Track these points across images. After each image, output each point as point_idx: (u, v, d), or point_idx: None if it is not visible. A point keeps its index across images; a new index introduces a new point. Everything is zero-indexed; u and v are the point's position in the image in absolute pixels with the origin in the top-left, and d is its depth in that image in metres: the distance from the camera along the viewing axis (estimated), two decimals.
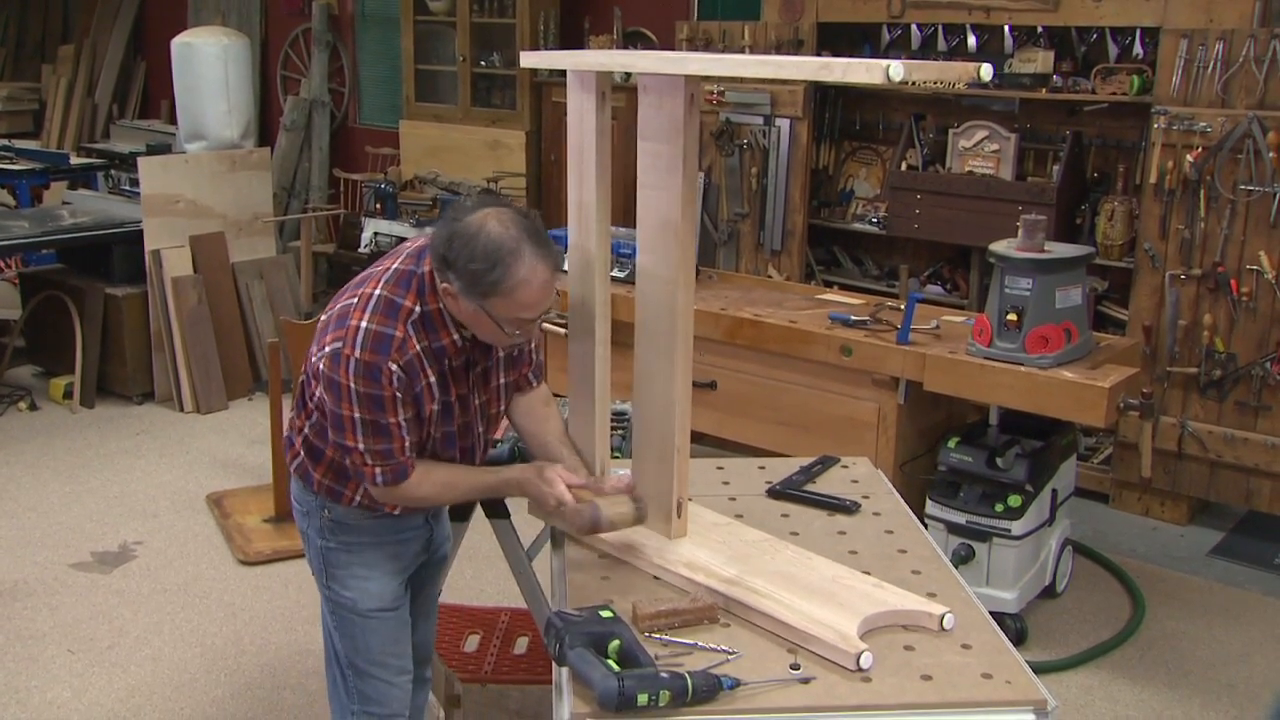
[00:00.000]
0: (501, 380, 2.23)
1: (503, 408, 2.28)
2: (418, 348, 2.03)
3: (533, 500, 2.21)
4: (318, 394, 2.10)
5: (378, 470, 2.06)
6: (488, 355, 2.17)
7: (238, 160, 6.00)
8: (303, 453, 2.24)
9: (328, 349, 2.02)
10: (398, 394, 2.01)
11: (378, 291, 2.04)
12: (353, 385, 1.99)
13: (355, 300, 2.05)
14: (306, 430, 2.21)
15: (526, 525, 2.57)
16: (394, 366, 1.99)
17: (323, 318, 2.11)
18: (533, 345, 2.29)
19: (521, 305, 1.99)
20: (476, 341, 2.11)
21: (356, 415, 2.01)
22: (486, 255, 1.94)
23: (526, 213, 2.04)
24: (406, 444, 2.06)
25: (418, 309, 2.04)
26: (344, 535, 2.25)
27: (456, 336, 2.08)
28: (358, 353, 1.98)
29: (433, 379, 2.07)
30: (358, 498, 2.21)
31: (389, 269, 2.09)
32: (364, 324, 2.00)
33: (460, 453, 2.21)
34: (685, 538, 2.23)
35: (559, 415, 2.35)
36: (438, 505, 2.34)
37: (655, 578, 2.14)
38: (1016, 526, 3.52)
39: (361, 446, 2.03)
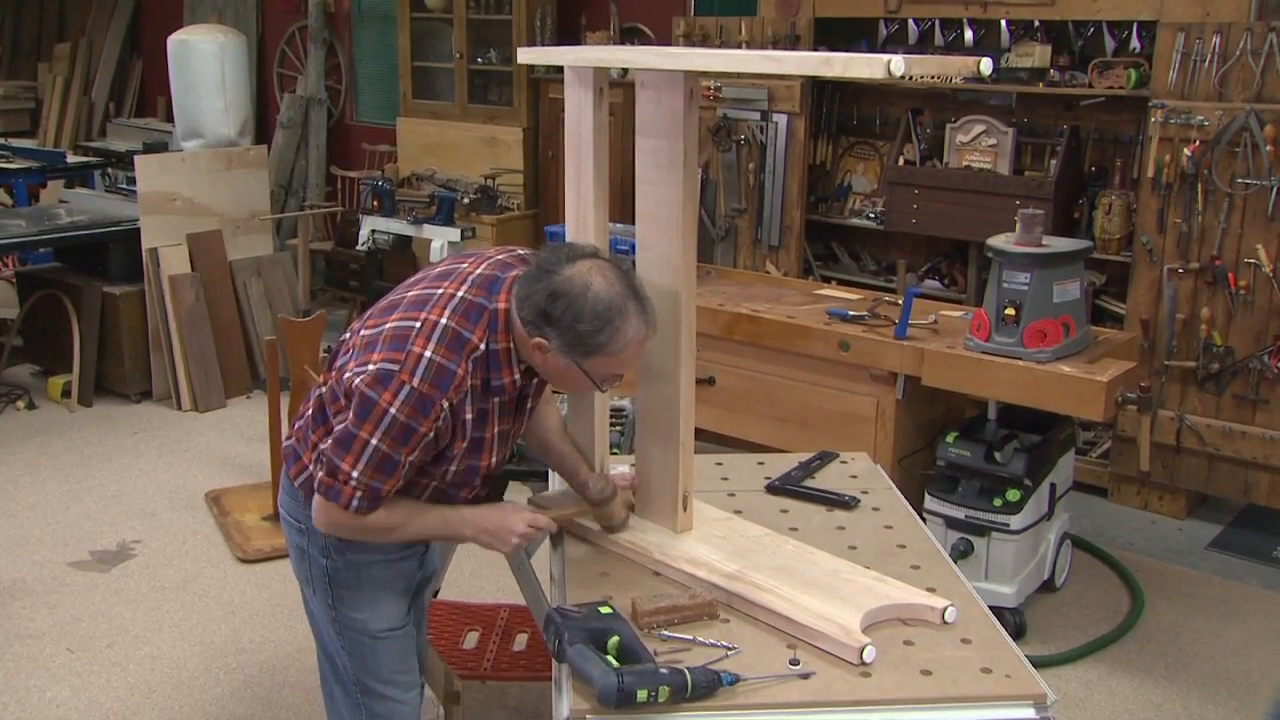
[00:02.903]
0: (530, 405, 2.15)
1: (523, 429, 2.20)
2: (468, 385, 1.93)
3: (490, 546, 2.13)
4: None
5: (357, 496, 1.93)
6: (531, 387, 2.09)
7: (235, 158, 5.99)
8: (312, 468, 2.09)
9: (375, 367, 1.89)
10: (434, 432, 1.91)
11: (444, 321, 1.92)
12: (393, 412, 1.87)
13: (418, 325, 1.92)
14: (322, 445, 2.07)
15: None
16: (447, 405, 1.90)
17: (365, 333, 1.97)
18: None
19: (622, 363, 1.95)
20: (528, 375, 2.03)
21: (373, 443, 1.89)
22: (595, 316, 1.87)
23: (622, 265, 1.96)
24: (397, 485, 1.96)
25: (483, 346, 1.93)
26: (352, 554, 2.13)
27: (517, 376, 1.98)
28: (415, 381, 1.87)
29: (469, 416, 1.96)
30: None
31: (455, 296, 1.96)
32: (428, 354, 1.89)
33: (479, 483, 2.15)
34: (686, 534, 2.23)
35: (558, 413, 2.34)
36: (377, 540, 2.10)
37: (655, 573, 2.14)
38: (1015, 521, 3.52)
39: (356, 473, 1.91)
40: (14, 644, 3.57)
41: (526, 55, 2.34)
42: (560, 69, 2.20)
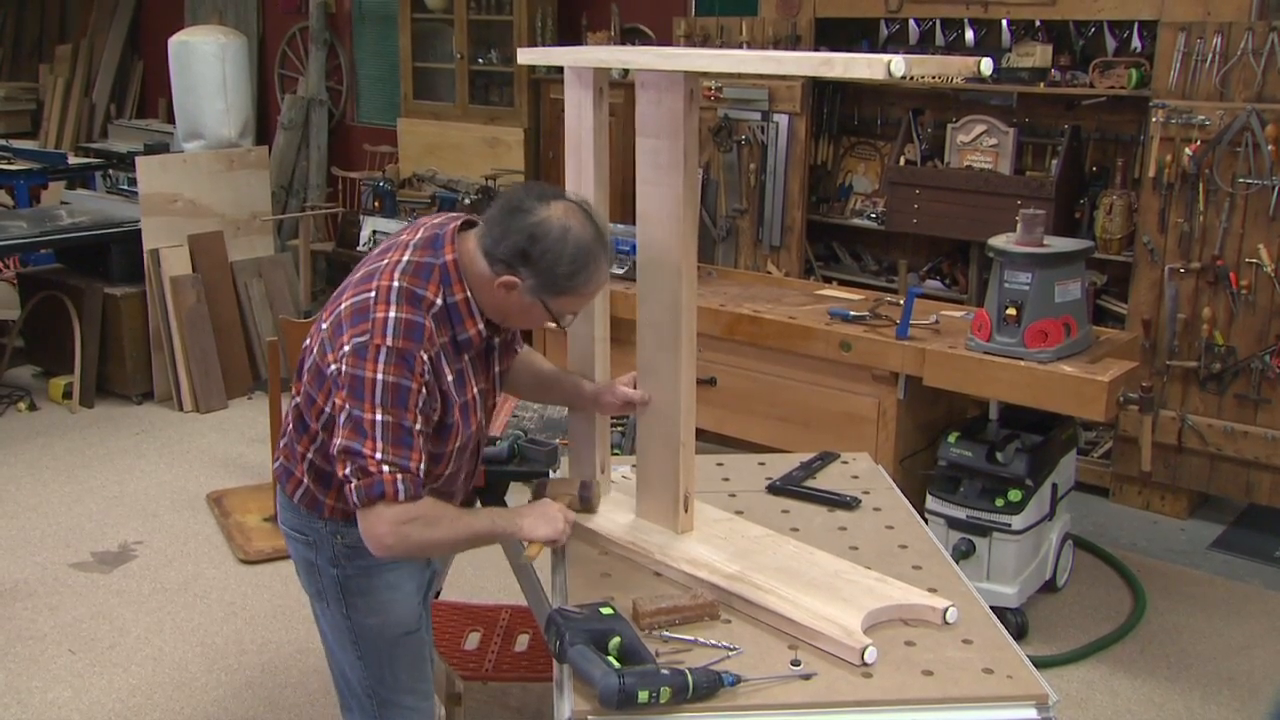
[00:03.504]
0: (498, 369, 2.16)
1: (498, 399, 2.22)
2: (439, 342, 1.94)
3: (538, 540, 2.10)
4: (326, 409, 1.98)
5: (397, 479, 1.87)
6: (495, 344, 2.11)
7: (236, 159, 5.99)
8: (307, 480, 2.10)
9: (349, 346, 1.90)
10: (424, 389, 1.90)
11: (396, 283, 1.94)
12: (380, 376, 1.86)
13: (372, 294, 1.93)
14: (311, 455, 2.08)
15: None
16: (425, 356, 1.90)
17: (325, 325, 1.98)
18: None
19: (586, 300, 2.02)
20: (491, 330, 2.05)
21: (378, 417, 1.87)
22: (574, 259, 1.91)
23: (587, 204, 2.00)
24: (422, 460, 1.92)
25: (439, 301, 1.95)
26: (363, 559, 2.07)
27: (481, 326, 2.00)
28: (389, 340, 1.88)
29: (450, 378, 1.97)
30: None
31: (401, 261, 1.98)
32: (391, 314, 1.90)
33: (469, 460, 2.16)
34: (687, 534, 2.23)
35: (538, 354, 2.38)
36: (438, 549, 2.10)
37: (656, 574, 2.14)
38: (1017, 521, 3.52)
39: (379, 454, 1.86)
40: (15, 645, 3.57)
41: (527, 56, 2.34)
42: (561, 69, 2.20)
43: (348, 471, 1.90)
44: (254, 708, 3.28)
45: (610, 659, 1.73)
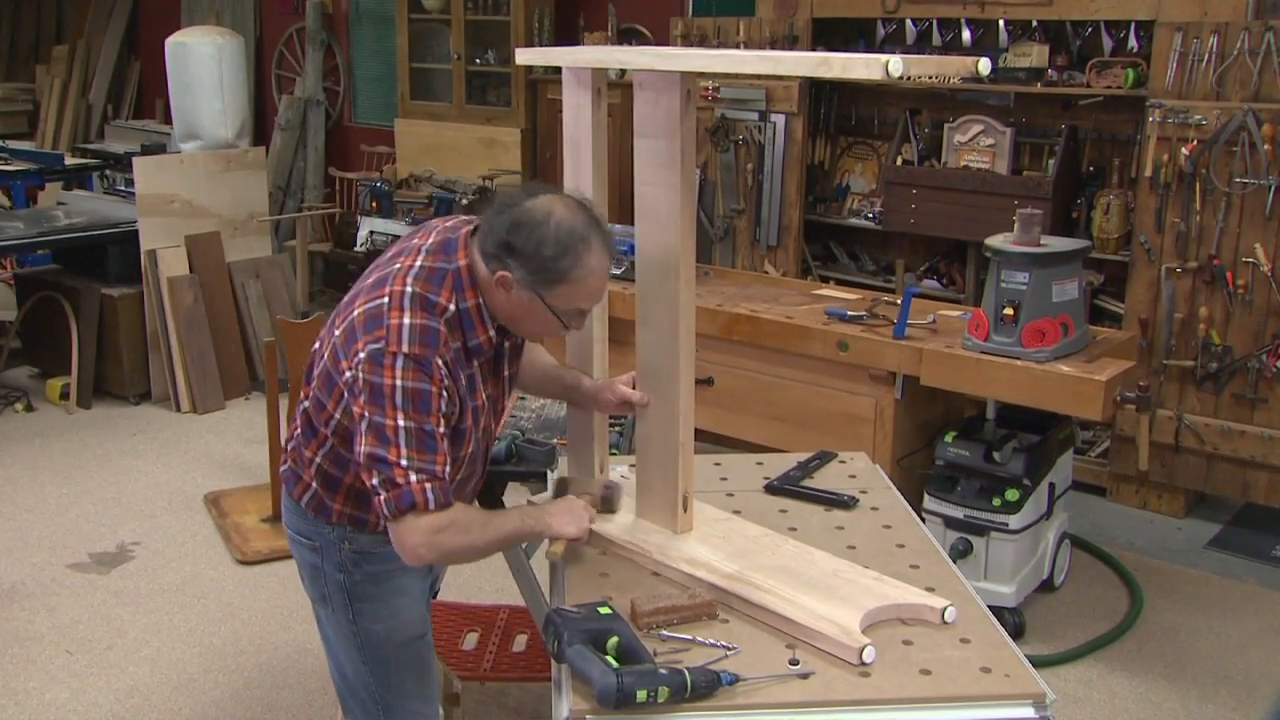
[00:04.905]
0: (508, 372, 2.14)
1: (509, 402, 2.22)
2: (452, 347, 1.92)
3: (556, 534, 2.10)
4: (336, 415, 1.97)
5: (426, 486, 1.85)
6: (505, 348, 2.10)
7: (233, 160, 5.99)
8: (315, 484, 2.07)
9: (364, 353, 1.87)
10: (443, 393, 1.89)
11: (409, 289, 1.92)
12: (399, 382, 1.85)
13: (385, 300, 1.91)
14: (320, 460, 2.05)
15: None
16: (442, 362, 1.89)
17: (337, 332, 1.96)
18: None
19: (586, 295, 1.97)
20: (502, 336, 2.04)
21: (401, 423, 1.85)
22: (558, 242, 1.88)
23: (585, 199, 1.99)
24: (448, 463, 1.90)
25: (452, 307, 1.93)
26: (370, 565, 2.09)
27: (492, 333, 1.99)
28: (405, 347, 1.86)
29: (462, 383, 1.95)
30: (382, 522, 2.00)
31: (413, 266, 1.95)
32: (406, 320, 1.88)
33: (480, 464, 2.16)
34: (686, 534, 2.23)
35: (544, 351, 2.35)
36: (471, 553, 2.04)
37: (654, 574, 2.14)
38: (1014, 520, 3.52)
39: (404, 461, 1.85)
40: (13, 646, 3.57)
41: (524, 56, 2.34)
42: (558, 70, 2.20)
43: (375, 482, 1.88)
44: (252, 708, 3.28)
45: (608, 659, 1.73)
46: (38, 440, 5.23)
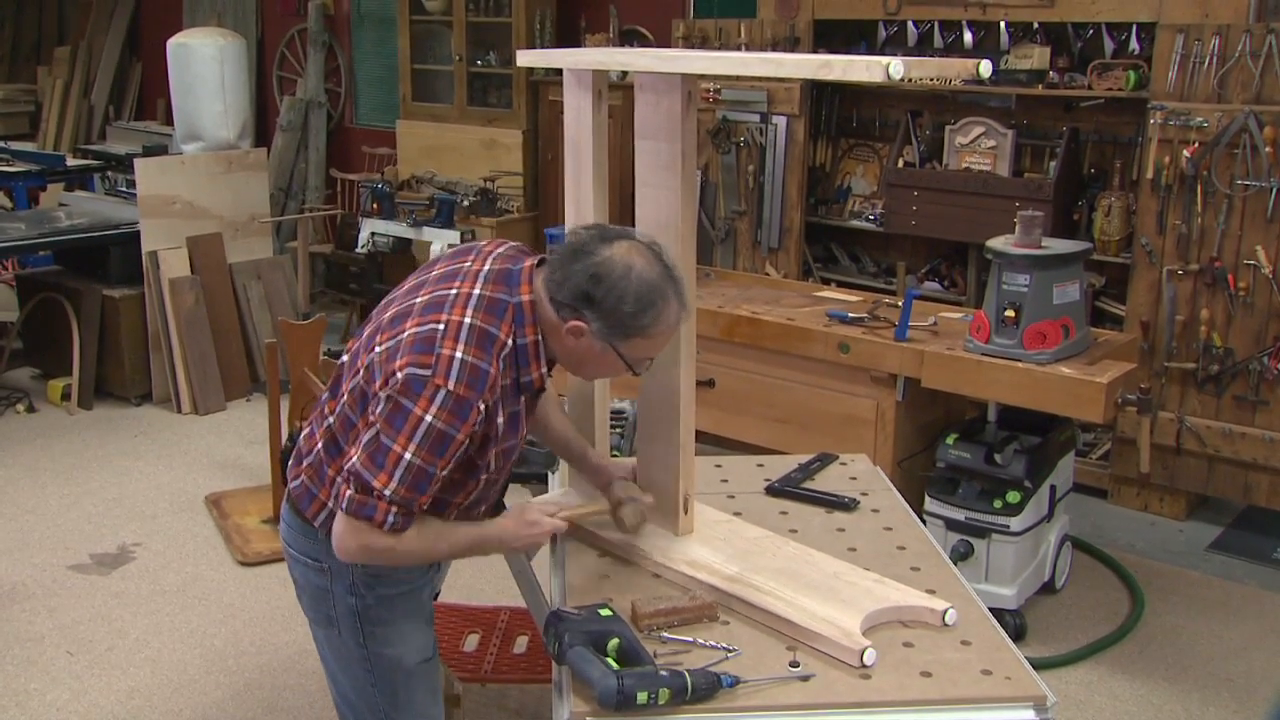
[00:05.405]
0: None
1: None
2: (500, 386, 1.86)
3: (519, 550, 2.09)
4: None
5: (392, 512, 1.82)
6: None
7: (234, 161, 5.99)
8: (340, 483, 1.93)
9: (403, 374, 1.80)
10: (469, 439, 1.84)
11: (468, 320, 1.85)
12: (429, 418, 1.78)
13: (442, 327, 1.83)
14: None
15: None
16: (483, 406, 1.82)
17: (378, 350, 1.87)
18: None
19: (657, 346, 1.93)
20: (549, 369, 1.99)
21: (408, 457, 1.79)
22: (639, 298, 1.84)
23: (655, 245, 1.92)
24: (429, 500, 1.87)
25: (510, 342, 1.88)
26: (382, 588, 2.04)
27: (545, 369, 1.94)
28: (451, 385, 1.79)
29: (501, 420, 1.89)
30: (332, 503, 1.95)
31: (473, 294, 1.89)
32: (459, 355, 1.81)
33: (498, 491, 2.13)
34: (687, 536, 2.23)
35: (557, 401, 2.31)
36: (401, 563, 2.00)
37: (655, 575, 2.14)
38: (1015, 522, 3.52)
39: (389, 491, 1.80)
40: (14, 647, 3.57)
41: (526, 58, 2.34)
42: (559, 71, 2.20)
43: (349, 480, 1.84)
44: (252, 709, 3.28)
45: (609, 660, 1.73)
46: (39, 441, 5.23)
